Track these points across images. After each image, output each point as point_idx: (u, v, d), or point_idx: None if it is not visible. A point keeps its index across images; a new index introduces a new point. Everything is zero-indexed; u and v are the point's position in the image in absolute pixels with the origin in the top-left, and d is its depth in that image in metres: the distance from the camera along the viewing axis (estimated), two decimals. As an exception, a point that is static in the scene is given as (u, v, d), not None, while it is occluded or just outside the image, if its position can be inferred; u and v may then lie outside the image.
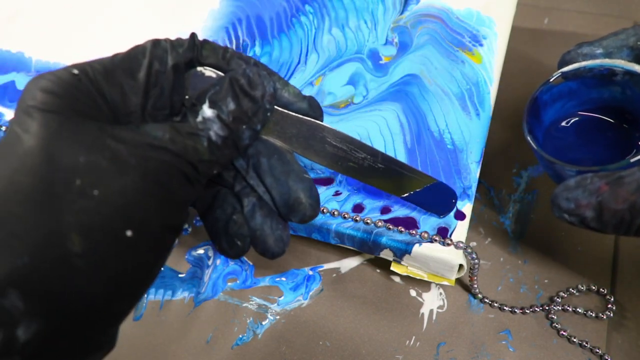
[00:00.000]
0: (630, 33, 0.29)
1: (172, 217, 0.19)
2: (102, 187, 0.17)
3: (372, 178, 0.26)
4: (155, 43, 0.22)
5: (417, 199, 0.28)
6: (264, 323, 0.33)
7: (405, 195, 0.28)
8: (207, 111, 0.21)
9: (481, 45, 0.37)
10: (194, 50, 0.23)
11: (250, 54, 0.39)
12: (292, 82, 0.37)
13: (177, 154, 0.19)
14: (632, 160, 0.24)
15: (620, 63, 0.27)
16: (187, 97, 0.23)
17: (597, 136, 0.30)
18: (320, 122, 0.25)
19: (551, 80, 0.29)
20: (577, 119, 0.31)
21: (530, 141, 0.28)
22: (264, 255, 0.24)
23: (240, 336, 0.33)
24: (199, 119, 0.20)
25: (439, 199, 0.28)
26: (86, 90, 0.19)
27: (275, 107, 0.23)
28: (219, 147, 0.21)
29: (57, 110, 0.18)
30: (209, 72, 0.23)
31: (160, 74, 0.22)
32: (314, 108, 0.25)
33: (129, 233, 0.17)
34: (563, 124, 0.31)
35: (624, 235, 0.23)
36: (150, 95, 0.21)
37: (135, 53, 0.22)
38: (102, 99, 0.20)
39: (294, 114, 0.24)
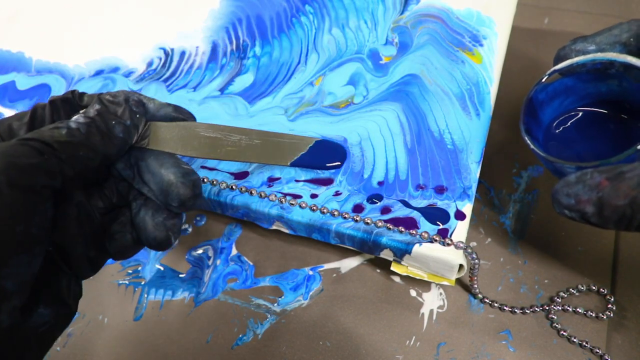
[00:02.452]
0: (624, 29, 0.28)
1: (21, 178, 0.20)
2: None
3: (254, 156, 0.27)
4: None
5: (305, 162, 0.28)
6: (264, 323, 0.33)
7: (292, 160, 0.28)
8: (74, 116, 0.23)
9: (481, 45, 0.37)
10: (73, 95, 0.25)
11: (250, 54, 0.39)
12: (292, 82, 0.37)
13: (32, 139, 0.21)
14: (638, 147, 0.24)
15: (612, 56, 0.27)
16: None
17: (598, 131, 0.30)
18: (189, 121, 0.27)
19: (544, 79, 0.29)
20: (576, 115, 0.31)
21: (528, 141, 0.28)
22: (149, 246, 0.25)
23: (241, 336, 0.33)
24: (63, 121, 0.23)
25: (326, 155, 0.29)
26: None
27: (151, 122, 0.26)
28: (82, 133, 0.22)
29: None
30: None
31: (42, 114, 0.24)
32: (180, 112, 0.27)
33: None
34: (563, 122, 0.31)
35: (624, 230, 0.23)
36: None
37: (23, 112, 0.24)
38: None
39: (166, 122, 0.26)
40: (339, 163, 0.30)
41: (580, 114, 0.31)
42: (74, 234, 0.23)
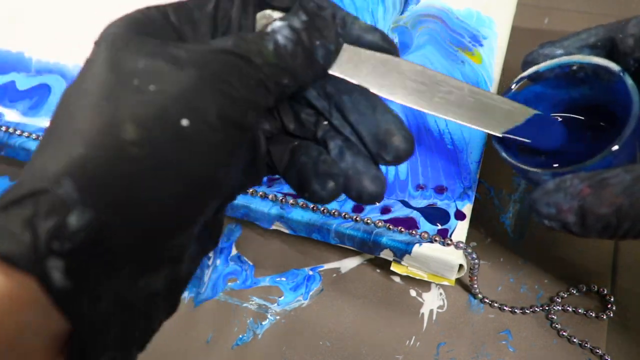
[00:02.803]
0: (592, 33, 0.27)
1: (232, 109, 0.18)
2: (159, 82, 0.17)
3: (463, 115, 0.24)
4: None
5: (520, 134, 0.25)
6: (264, 323, 0.33)
7: (505, 130, 0.25)
8: (277, 23, 0.19)
9: (481, 45, 0.37)
10: None
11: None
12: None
13: (239, 55, 0.18)
14: (612, 149, 0.22)
15: (578, 58, 0.26)
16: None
17: (574, 138, 0.28)
18: (395, 57, 0.23)
19: (512, 87, 0.28)
20: None
21: (500, 150, 0.26)
22: (359, 200, 0.21)
23: (241, 336, 0.33)
24: (268, 29, 0.20)
25: (543, 133, 0.25)
26: (154, 18, 0.20)
27: (347, 44, 0.22)
28: (288, 53, 0.19)
29: (124, 32, 0.19)
30: (278, 14, 0.22)
31: (229, 8, 0.21)
32: (387, 41, 0.23)
33: (184, 122, 0.17)
34: None
35: (608, 239, 0.22)
36: (218, 29, 0.21)
37: None
38: (171, 28, 0.20)
39: (366, 50, 0.22)
40: (553, 146, 0.26)
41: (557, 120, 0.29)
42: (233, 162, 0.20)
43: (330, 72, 0.21)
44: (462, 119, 0.24)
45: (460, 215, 0.30)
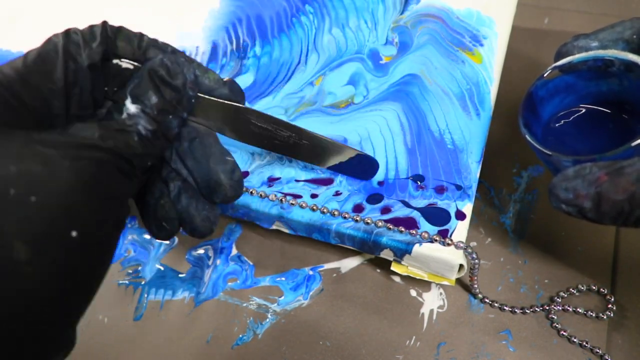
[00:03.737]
0: (627, 26, 0.28)
1: (114, 212, 0.19)
2: (39, 192, 0.17)
3: (298, 154, 0.28)
4: (67, 38, 0.21)
5: (341, 169, 0.30)
6: (264, 323, 0.33)
7: (331, 166, 0.30)
8: (130, 107, 0.21)
9: (481, 45, 0.37)
10: (107, 42, 0.22)
11: (250, 54, 0.39)
12: (292, 82, 0.37)
13: (109, 150, 0.19)
14: (633, 144, 0.23)
15: (613, 53, 0.27)
16: (106, 88, 0.23)
17: (597, 129, 0.30)
18: (243, 105, 0.25)
19: (545, 75, 0.29)
20: (576, 113, 0.31)
21: (526, 135, 0.28)
22: (192, 235, 0.24)
23: (241, 336, 0.33)
24: (124, 115, 0.20)
25: (361, 167, 0.31)
26: (3, 99, 0.19)
27: (199, 94, 0.24)
28: (150, 139, 0.21)
29: None
30: (126, 64, 0.23)
31: (77, 73, 0.21)
32: (235, 92, 0.25)
33: (74, 234, 0.17)
34: (562, 118, 0.31)
35: (621, 226, 0.23)
36: (71, 95, 0.21)
37: (47, 51, 0.21)
38: (22, 106, 0.19)
39: (216, 99, 0.24)
40: (369, 178, 0.32)
41: (582, 111, 0.31)
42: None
43: (187, 118, 0.24)
44: (295, 157, 0.28)
45: (460, 215, 0.30)
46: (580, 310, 0.31)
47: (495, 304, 0.32)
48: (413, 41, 0.38)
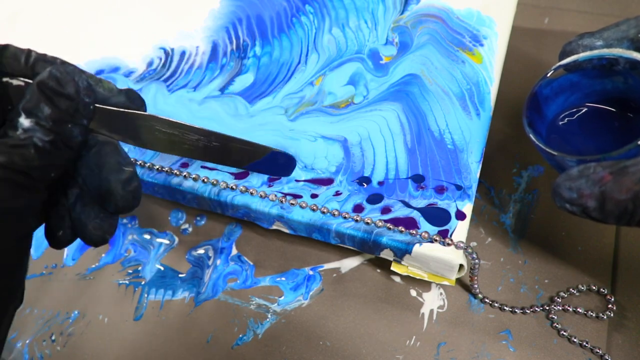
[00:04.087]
0: (632, 24, 0.28)
1: (14, 226, 0.19)
2: None
3: (210, 156, 0.27)
4: None
5: (257, 168, 0.29)
6: (264, 323, 0.33)
7: (247, 166, 0.28)
8: (24, 122, 0.20)
9: (481, 45, 0.37)
10: None
11: (250, 53, 0.39)
12: (292, 81, 0.37)
13: (3, 166, 0.19)
14: (639, 143, 0.23)
15: (618, 51, 0.27)
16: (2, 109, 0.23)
17: (602, 127, 0.30)
18: (144, 113, 0.25)
19: (549, 74, 0.29)
20: (581, 111, 0.31)
21: (530, 134, 0.28)
22: (85, 242, 0.24)
23: (241, 336, 0.33)
24: (19, 131, 0.20)
25: (278, 165, 0.29)
26: None
27: (96, 104, 0.23)
28: (49, 150, 0.20)
29: None
30: (17, 81, 0.23)
31: None
32: (133, 100, 0.25)
33: None
34: (567, 117, 0.31)
35: (625, 225, 0.23)
36: None
37: None
38: None
39: (115, 108, 0.24)
40: (287, 174, 0.31)
41: (586, 109, 0.31)
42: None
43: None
44: (208, 160, 0.27)
45: (460, 215, 0.30)
46: (580, 310, 0.31)
47: (495, 304, 0.32)
48: (413, 41, 0.38)
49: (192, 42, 0.41)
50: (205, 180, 0.32)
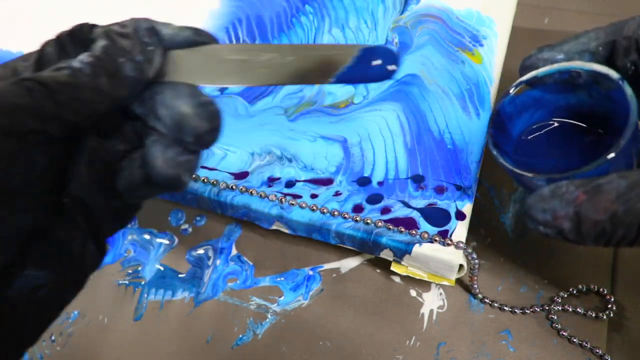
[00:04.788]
0: (592, 37, 0.27)
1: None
2: None
3: (290, 76, 0.23)
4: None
5: (352, 75, 0.23)
6: (264, 323, 0.33)
7: (336, 75, 0.23)
8: (80, 55, 0.20)
9: (481, 45, 0.37)
10: (81, 28, 0.23)
11: (250, 54, 0.39)
12: (292, 82, 0.37)
13: (30, 79, 0.18)
14: (608, 157, 0.22)
15: (578, 64, 0.26)
16: None
17: (571, 144, 0.28)
18: (212, 45, 0.24)
19: (511, 91, 0.28)
20: (547, 128, 0.29)
21: (496, 154, 0.27)
22: (159, 186, 0.22)
23: (240, 336, 0.33)
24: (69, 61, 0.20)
25: (375, 65, 0.23)
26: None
27: (167, 50, 0.23)
28: (86, 73, 0.20)
29: None
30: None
31: (51, 54, 0.22)
32: (201, 34, 0.24)
33: None
34: (533, 134, 0.29)
35: (604, 246, 0.22)
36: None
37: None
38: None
39: (186, 50, 0.23)
40: (393, 68, 0.23)
41: (553, 125, 0.29)
42: (87, 183, 0.20)
43: (162, 79, 0.22)
44: (288, 81, 0.23)
45: (460, 216, 0.30)
46: (580, 311, 0.31)
47: (495, 304, 0.32)
48: (413, 41, 0.38)
49: (192, 42, 0.41)
50: (205, 180, 0.32)
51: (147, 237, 0.37)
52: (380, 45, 0.24)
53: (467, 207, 0.31)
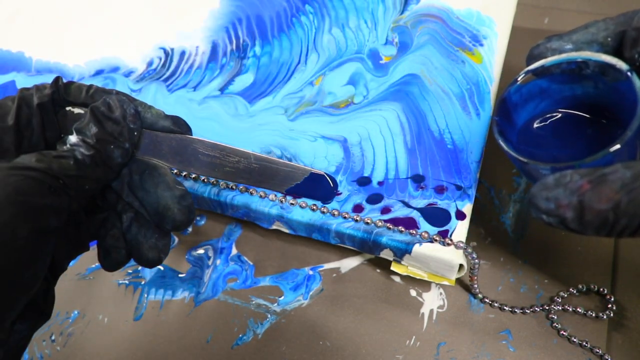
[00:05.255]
0: (601, 27, 0.27)
1: (36, 221, 0.20)
2: None
3: (251, 179, 0.28)
4: (22, 90, 0.24)
5: (299, 191, 0.28)
6: (264, 323, 0.33)
7: (287, 189, 0.28)
8: (72, 138, 0.23)
9: (481, 45, 0.37)
10: (58, 88, 0.25)
11: (250, 53, 0.39)
12: (292, 81, 0.37)
13: (41, 170, 0.21)
14: (611, 150, 0.22)
15: (586, 55, 0.26)
16: (62, 135, 0.25)
17: (575, 134, 0.28)
18: (189, 136, 0.27)
19: (518, 80, 0.28)
20: (552, 118, 0.29)
21: (501, 142, 0.27)
22: (141, 264, 0.25)
23: (241, 336, 0.33)
24: (66, 146, 0.23)
25: (319, 187, 0.29)
26: None
27: (146, 130, 0.26)
28: (88, 165, 0.22)
29: None
30: (78, 110, 0.25)
31: (29, 114, 0.24)
32: (179, 125, 0.26)
33: None
34: (538, 124, 0.29)
35: (605, 236, 0.22)
36: (23, 135, 0.24)
37: (5, 100, 0.24)
38: None
39: (162, 133, 0.26)
40: (329, 199, 0.30)
41: (557, 115, 0.29)
42: (62, 243, 0.23)
43: (136, 155, 0.25)
44: (250, 183, 0.28)
45: (460, 215, 0.30)
46: (580, 310, 0.31)
47: (495, 304, 0.32)
48: (413, 41, 0.38)
49: (192, 42, 0.41)
50: (205, 180, 0.32)
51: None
52: (327, 174, 0.29)
53: (467, 207, 0.31)
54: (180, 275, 0.35)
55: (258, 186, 0.28)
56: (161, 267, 0.36)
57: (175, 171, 0.32)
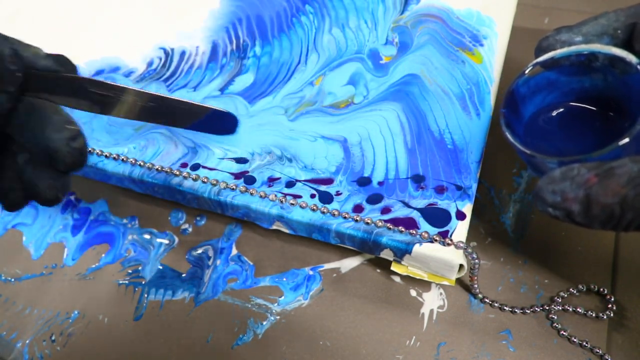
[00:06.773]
0: (612, 18, 0.27)
1: None
2: None
3: (152, 118, 0.27)
4: None
5: (201, 127, 0.29)
6: (264, 323, 0.33)
7: (189, 125, 0.28)
8: None
9: (481, 45, 0.37)
10: None
11: (250, 54, 0.39)
12: (292, 81, 0.37)
13: None
14: (620, 143, 0.22)
15: (597, 47, 0.26)
16: None
17: (583, 127, 0.28)
18: (75, 75, 0.26)
19: (526, 72, 0.28)
20: (559, 110, 0.29)
21: (508, 135, 0.26)
22: (40, 204, 0.25)
23: (241, 336, 0.33)
24: None
25: (221, 123, 0.30)
26: None
27: (32, 70, 0.24)
28: None
29: None
30: None
31: None
32: (62, 63, 0.25)
33: None
34: (545, 117, 0.29)
35: (611, 230, 0.22)
36: None
37: None
38: None
39: (48, 73, 0.25)
40: (231, 132, 0.31)
41: (564, 108, 0.29)
42: None
43: (26, 95, 0.24)
44: (153, 121, 0.27)
45: (460, 215, 0.30)
46: (580, 310, 0.31)
47: (495, 304, 0.32)
48: (413, 41, 0.38)
49: (192, 42, 0.41)
50: (205, 180, 0.32)
51: (147, 237, 0.37)
52: (226, 111, 0.29)
53: (467, 207, 0.31)
54: (180, 276, 0.35)
55: (162, 124, 0.28)
56: (161, 267, 0.36)
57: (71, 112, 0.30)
